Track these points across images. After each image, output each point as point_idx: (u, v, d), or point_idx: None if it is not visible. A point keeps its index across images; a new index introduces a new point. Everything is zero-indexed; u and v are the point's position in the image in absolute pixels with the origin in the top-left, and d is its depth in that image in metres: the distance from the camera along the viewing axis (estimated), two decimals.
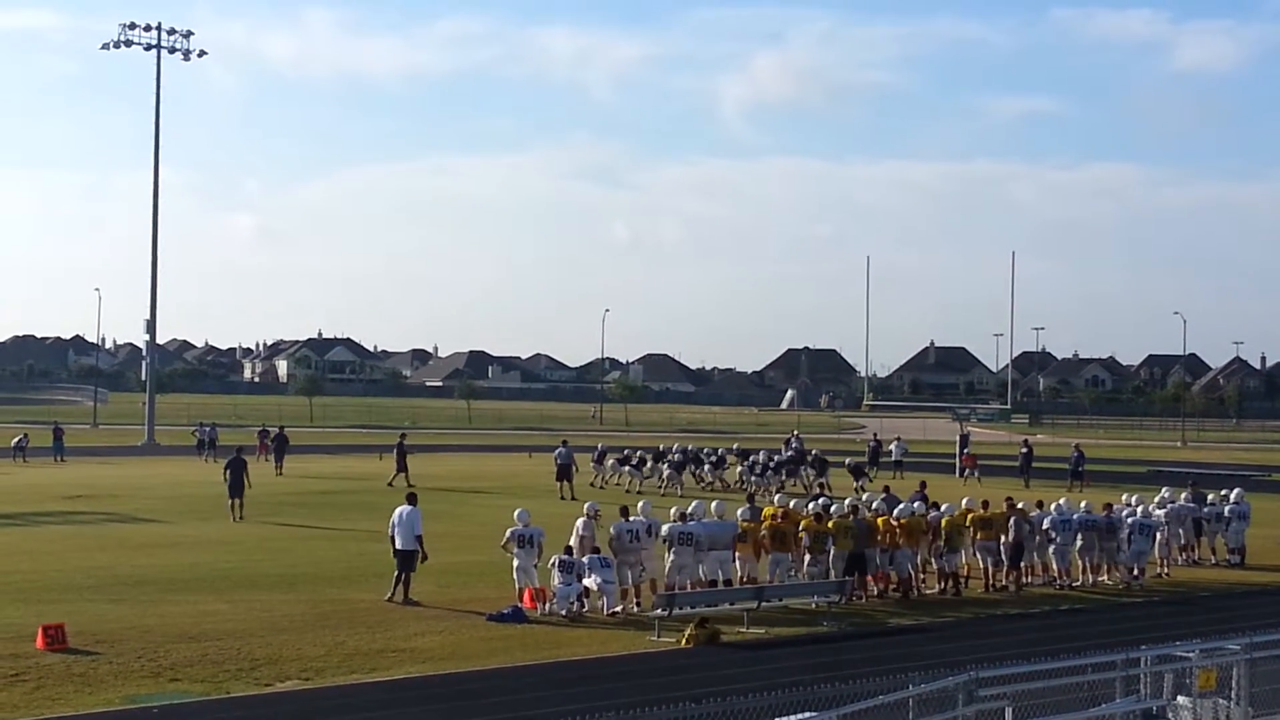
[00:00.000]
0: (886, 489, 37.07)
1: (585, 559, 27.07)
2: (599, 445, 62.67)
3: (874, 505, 31.25)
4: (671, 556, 28.07)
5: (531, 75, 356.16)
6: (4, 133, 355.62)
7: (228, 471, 43.12)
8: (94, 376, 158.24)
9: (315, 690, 20.47)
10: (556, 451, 54.61)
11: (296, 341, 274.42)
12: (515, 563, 27.49)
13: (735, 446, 62.75)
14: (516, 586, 27.39)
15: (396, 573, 28.09)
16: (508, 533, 27.74)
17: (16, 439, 70.92)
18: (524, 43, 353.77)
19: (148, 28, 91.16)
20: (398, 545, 28.23)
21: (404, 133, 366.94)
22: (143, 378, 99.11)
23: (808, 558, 28.75)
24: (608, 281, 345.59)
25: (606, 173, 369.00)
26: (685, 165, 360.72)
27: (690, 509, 29.07)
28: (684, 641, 24.20)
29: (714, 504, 29.96)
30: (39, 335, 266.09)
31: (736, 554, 28.70)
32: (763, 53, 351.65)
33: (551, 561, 27.18)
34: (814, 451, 60.27)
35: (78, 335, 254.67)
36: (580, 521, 28.75)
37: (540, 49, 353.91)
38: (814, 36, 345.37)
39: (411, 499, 29.28)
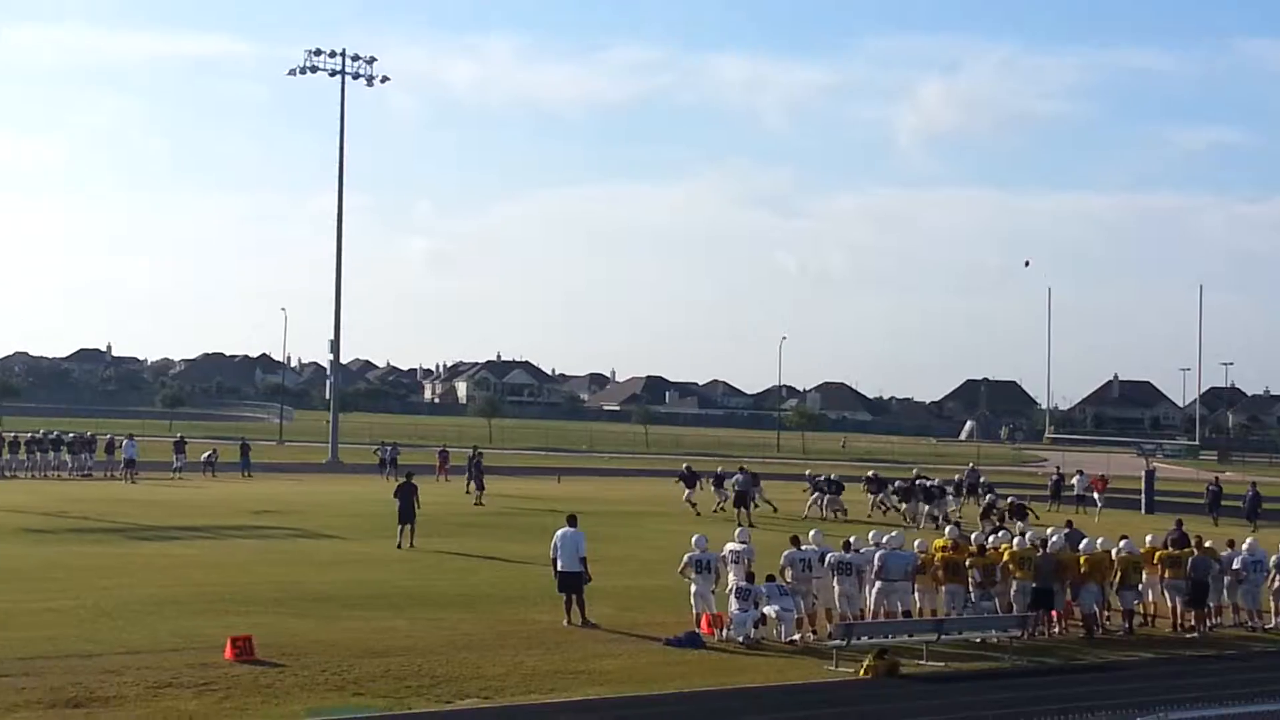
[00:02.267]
0: (1069, 523, 36.39)
1: (763, 586, 26.95)
2: (718, 469, 61.95)
3: (1054, 540, 30.69)
4: (836, 586, 27.85)
5: (703, 102, 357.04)
6: (196, 156, 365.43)
7: (397, 497, 41.40)
8: (280, 394, 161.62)
9: (495, 709, 20.61)
10: (735, 478, 54.52)
11: (476, 364, 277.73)
12: (693, 588, 27.47)
13: (870, 473, 61.96)
14: (694, 612, 27.36)
15: (564, 596, 28.17)
16: (685, 558, 27.73)
17: (206, 454, 72.77)
18: (696, 69, 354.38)
19: (333, 54, 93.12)
20: (560, 567, 28.34)
21: (580, 159, 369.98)
22: (326, 396, 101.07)
23: (975, 592, 28.35)
24: (783, 309, 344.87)
25: (777, 200, 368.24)
26: (857, 194, 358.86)
27: (870, 536, 28.87)
28: (862, 672, 23.97)
29: (893, 534, 29.62)
30: (228, 353, 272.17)
31: (916, 586, 28.36)
32: (936, 81, 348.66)
33: (730, 588, 27.13)
34: (933, 481, 58.96)
35: (265, 354, 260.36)
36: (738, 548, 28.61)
37: (712, 76, 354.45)
38: (990, 65, 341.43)
39: (572, 520, 29.37)
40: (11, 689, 20.48)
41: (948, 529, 31.74)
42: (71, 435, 71.85)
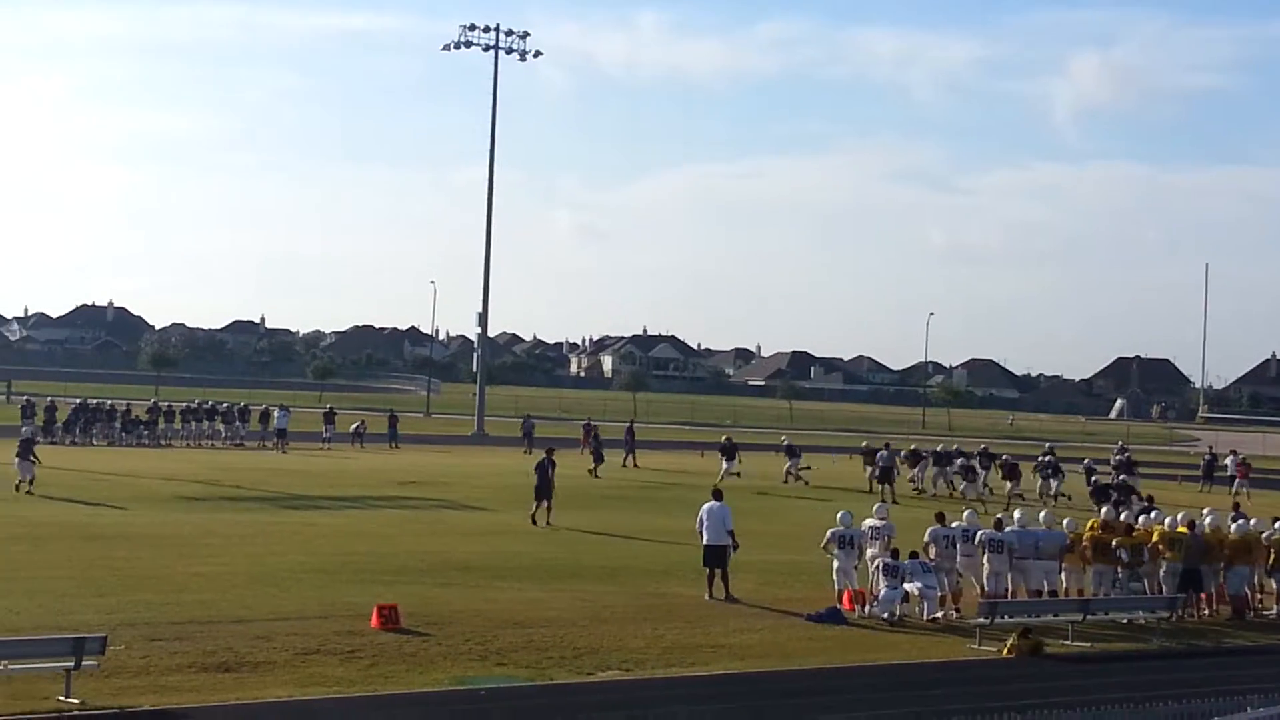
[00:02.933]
0: (1236, 506, 35.73)
1: (906, 563, 26.75)
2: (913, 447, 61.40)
3: (1208, 520, 30.10)
4: (986, 564, 27.55)
5: (852, 76, 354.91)
6: (350, 131, 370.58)
7: (536, 472, 40.50)
8: (427, 367, 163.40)
9: (636, 681, 20.74)
10: (879, 454, 54.15)
11: (622, 338, 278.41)
12: (835, 564, 27.37)
13: (983, 446, 60.93)
14: (836, 588, 27.27)
15: (707, 570, 28.14)
16: (829, 533, 27.63)
17: (355, 425, 73.85)
18: (845, 43, 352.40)
19: (486, 29, 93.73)
20: (706, 540, 28.31)
21: (726, 133, 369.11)
22: (473, 369, 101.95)
23: (1124, 572, 27.92)
24: (929, 285, 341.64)
25: (926, 175, 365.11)
26: (1010, 169, 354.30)
27: (1017, 516, 28.56)
28: (1006, 651, 23.74)
29: (1042, 513, 29.25)
30: (377, 326, 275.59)
31: (1064, 565, 28.00)
32: (1089, 55, 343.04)
33: (873, 564, 27.02)
34: (1004, 456, 57.75)
35: (413, 326, 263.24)
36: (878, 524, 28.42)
37: (862, 50, 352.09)
38: (1145, 38, 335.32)
39: (718, 495, 29.38)
40: (166, 653, 20.98)
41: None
42: (225, 405, 73.22)
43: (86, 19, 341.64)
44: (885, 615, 26.04)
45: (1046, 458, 57.10)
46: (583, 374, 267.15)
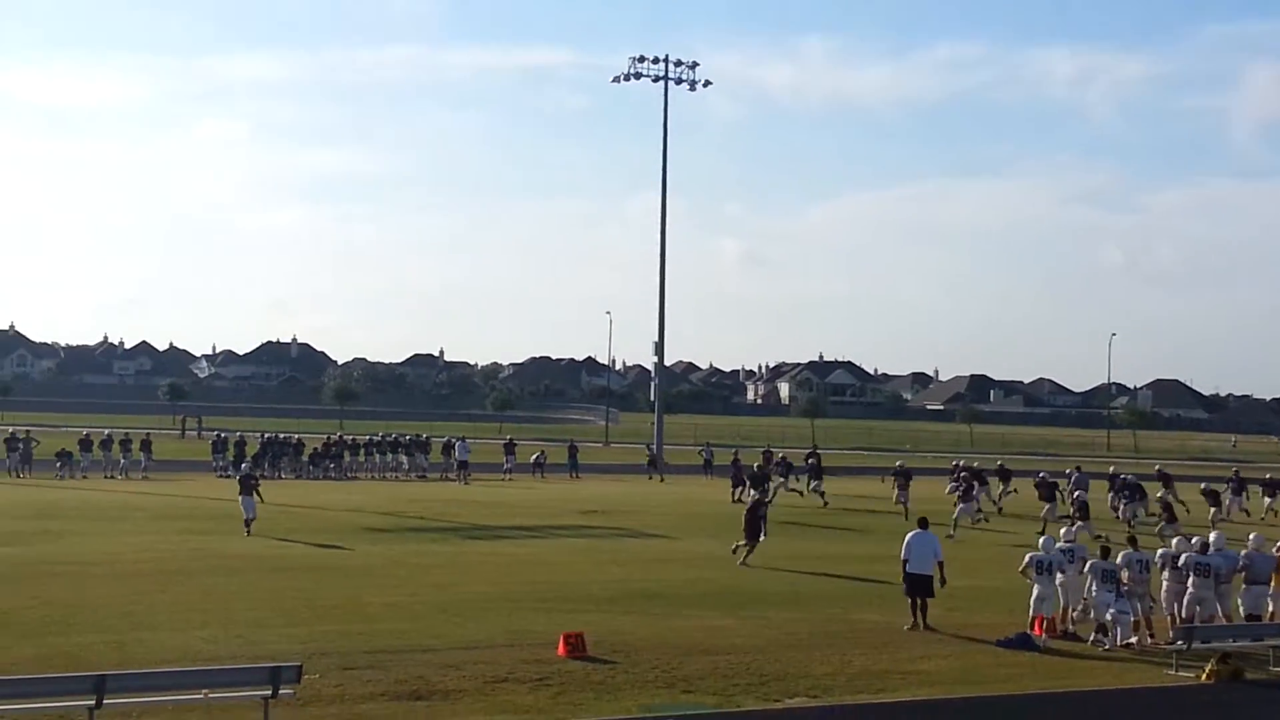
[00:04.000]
0: None
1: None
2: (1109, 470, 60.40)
3: None
4: (1191, 589, 26.80)
5: (1028, 98, 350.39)
6: (522, 164, 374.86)
7: (746, 515, 38.19)
8: (605, 396, 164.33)
9: (824, 708, 20.54)
10: (1071, 476, 53.35)
11: (798, 364, 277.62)
12: (1034, 589, 26.66)
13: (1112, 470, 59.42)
14: (1030, 613, 26.68)
15: (910, 599, 27.56)
16: (1027, 557, 27.05)
17: (535, 455, 74.45)
18: (1021, 64, 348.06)
19: (656, 60, 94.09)
20: (910, 569, 27.63)
21: (896, 158, 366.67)
22: (651, 398, 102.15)
23: None
24: (1112, 305, 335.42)
25: (1103, 195, 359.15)
26: (1187, 186, 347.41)
27: (1212, 538, 27.77)
28: (1204, 677, 23.13)
29: (1252, 536, 28.40)
30: (554, 357, 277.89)
31: (1273, 587, 27.09)
32: (1265, 68, 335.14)
33: (1087, 589, 26.36)
34: (1127, 475, 55.84)
35: (590, 357, 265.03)
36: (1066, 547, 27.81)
37: (1039, 70, 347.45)
38: None
39: (923, 523, 28.88)
40: (359, 681, 21.28)
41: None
42: (408, 437, 74.31)
43: (261, 63, 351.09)
44: (1122, 642, 25.49)
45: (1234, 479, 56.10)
46: (759, 401, 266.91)
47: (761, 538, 37.56)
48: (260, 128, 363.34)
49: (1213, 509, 52.07)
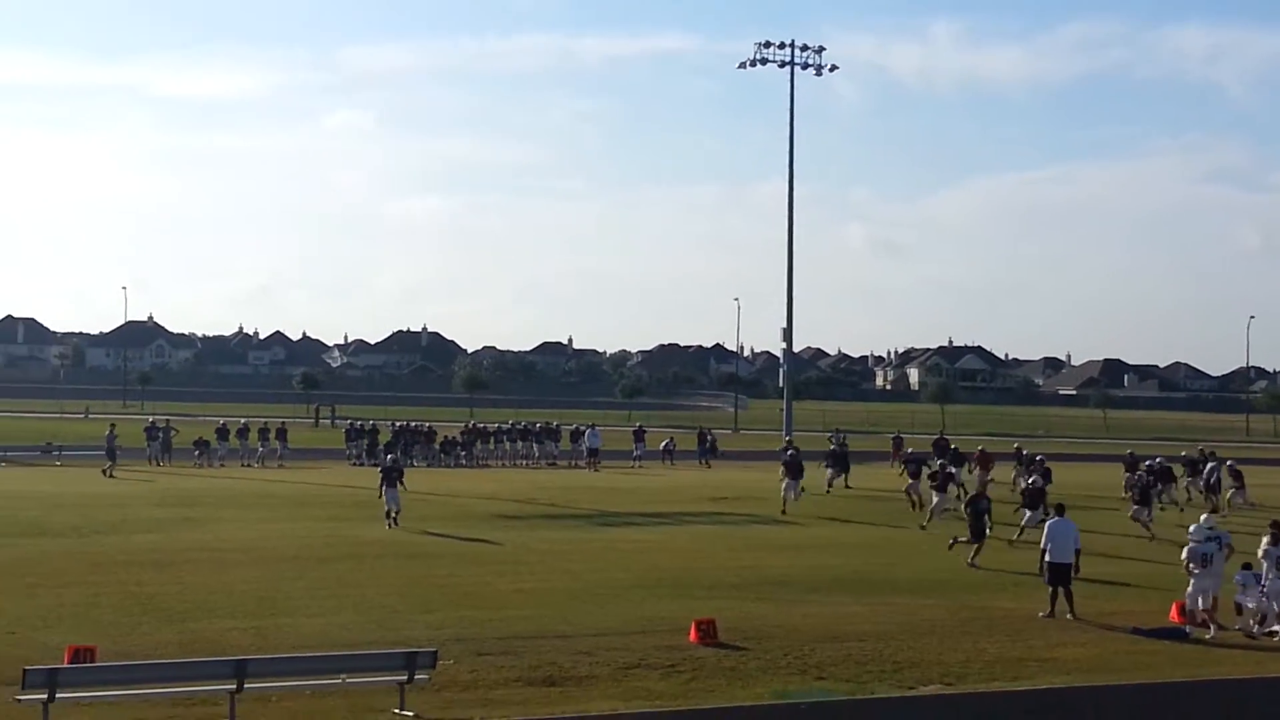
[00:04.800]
0: None
1: (1239, 575, 25.67)
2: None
3: None
4: None
5: (1162, 76, 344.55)
6: (650, 151, 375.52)
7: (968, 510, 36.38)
8: (733, 383, 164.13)
9: (958, 696, 20.38)
10: (1202, 461, 52.52)
11: (927, 350, 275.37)
12: (1194, 582, 25.82)
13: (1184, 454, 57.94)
14: (1188, 605, 25.93)
15: (1050, 587, 27.07)
16: (1186, 550, 26.13)
17: (665, 442, 74.53)
18: (1155, 43, 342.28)
19: (782, 45, 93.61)
20: (1049, 558, 27.12)
21: (1027, 140, 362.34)
22: (779, 385, 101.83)
23: None
24: (1247, 287, 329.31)
25: (1238, 174, 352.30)
26: None
27: None
28: None
29: None
30: (682, 344, 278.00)
31: None
32: None
33: (1239, 578, 25.79)
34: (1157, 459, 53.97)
35: (718, 343, 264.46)
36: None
37: (1171, 48, 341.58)
38: None
39: (1061, 510, 28.46)
40: (493, 667, 21.46)
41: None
42: (538, 425, 74.78)
43: (391, 53, 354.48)
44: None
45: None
46: (889, 387, 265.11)
47: (987, 533, 34.86)
48: (390, 118, 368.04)
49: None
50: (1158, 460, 53.14)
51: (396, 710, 18.52)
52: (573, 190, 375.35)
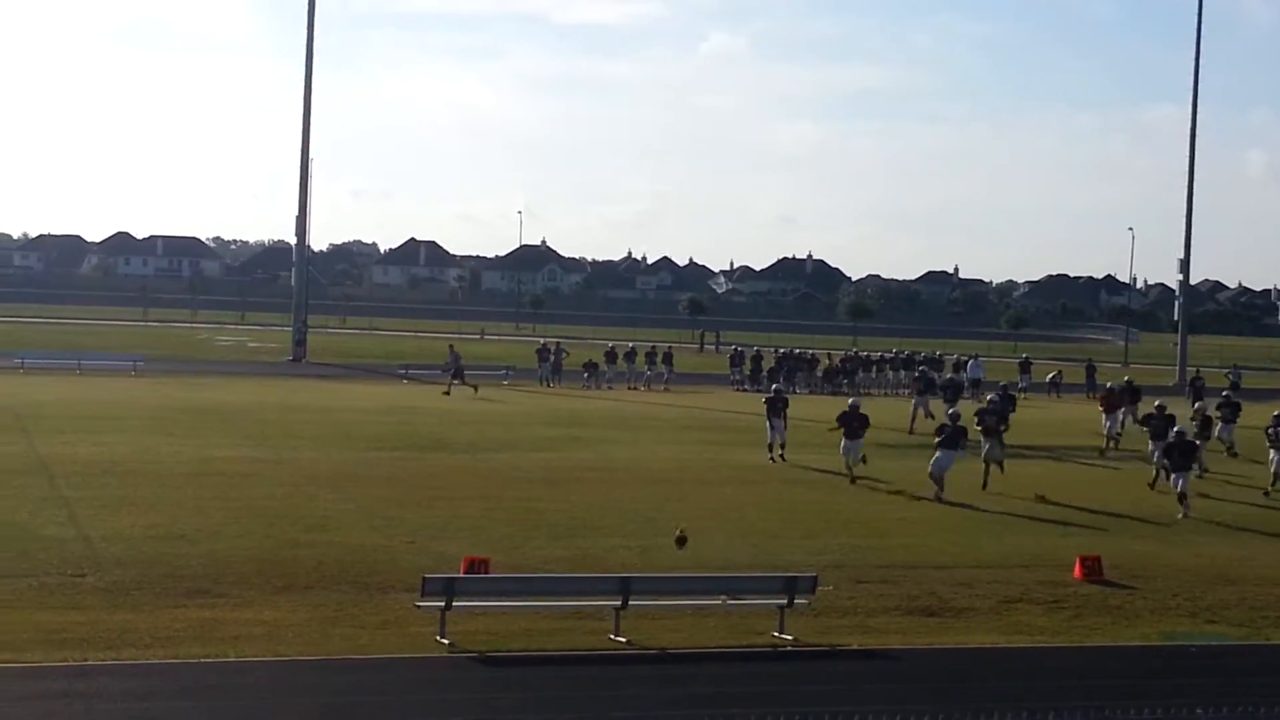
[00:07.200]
0: None
1: None
2: None
3: None
4: None
5: None
6: (1035, 73, 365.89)
7: None
8: (1125, 316, 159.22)
9: None
10: None
11: None
12: None
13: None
14: None
15: None
16: None
17: (1051, 375, 73.04)
18: None
19: None
20: None
21: None
22: (1173, 318, 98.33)
23: None
24: None
25: None
26: None
27: None
28: None
29: None
30: (1071, 275, 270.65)
31: None
32: None
33: None
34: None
35: (1109, 275, 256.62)
36: None
37: None
38: None
39: None
40: (871, 595, 21.50)
41: None
42: (921, 355, 74.13)
43: None
44: None
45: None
46: None
47: None
48: (763, 42, 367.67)
49: None
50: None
51: (776, 634, 18.74)
52: (954, 115, 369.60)
